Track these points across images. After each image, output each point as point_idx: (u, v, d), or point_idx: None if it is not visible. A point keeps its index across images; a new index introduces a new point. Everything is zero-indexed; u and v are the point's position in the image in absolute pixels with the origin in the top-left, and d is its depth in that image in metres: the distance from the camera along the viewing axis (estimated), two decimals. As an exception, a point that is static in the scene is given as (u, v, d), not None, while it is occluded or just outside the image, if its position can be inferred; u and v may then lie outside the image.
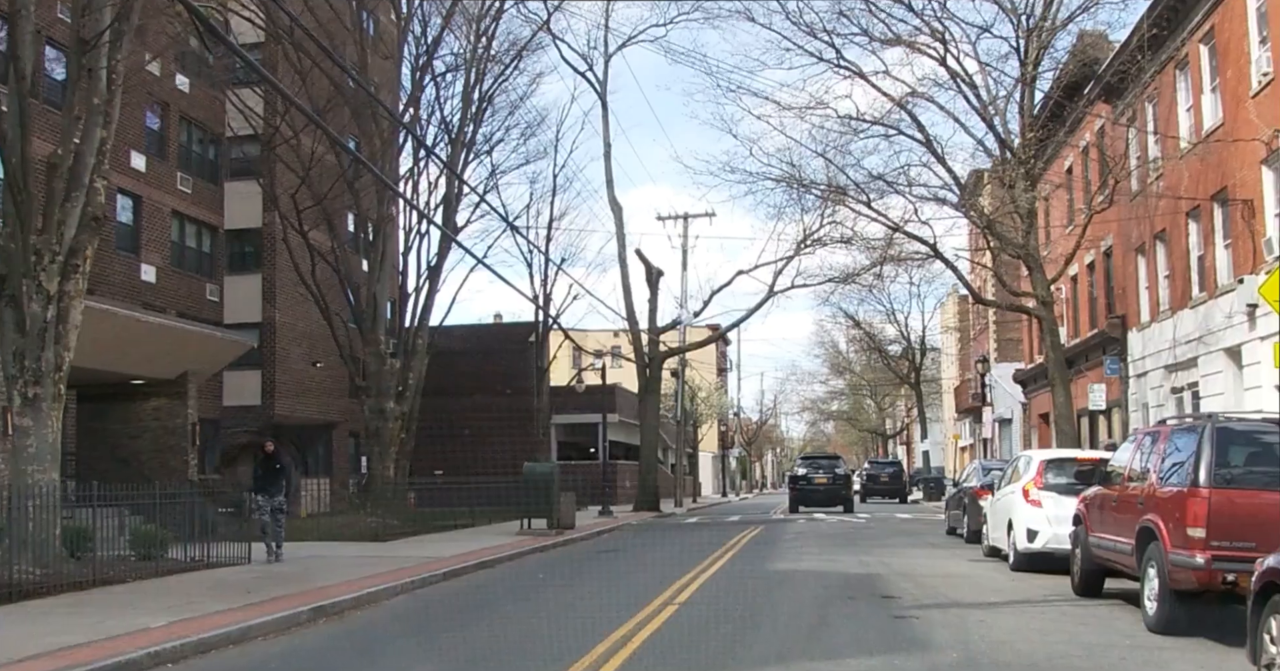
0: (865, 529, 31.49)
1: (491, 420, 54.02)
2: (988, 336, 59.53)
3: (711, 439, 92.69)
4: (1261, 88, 24.87)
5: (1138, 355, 33.84)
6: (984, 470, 26.87)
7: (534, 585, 18.44)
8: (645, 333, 46.42)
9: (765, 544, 26.12)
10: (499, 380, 53.86)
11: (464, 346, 54.15)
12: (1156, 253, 32.04)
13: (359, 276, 33.73)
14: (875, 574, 18.19)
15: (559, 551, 25.83)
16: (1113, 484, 14.27)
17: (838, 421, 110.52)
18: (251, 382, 42.14)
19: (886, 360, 72.69)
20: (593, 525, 34.80)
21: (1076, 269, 40.17)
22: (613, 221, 47.46)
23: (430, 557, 22.36)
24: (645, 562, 22.04)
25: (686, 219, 53.73)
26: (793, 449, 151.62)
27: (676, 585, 16.76)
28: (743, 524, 35.29)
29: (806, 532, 30.18)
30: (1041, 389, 46.57)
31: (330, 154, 32.64)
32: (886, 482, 58.23)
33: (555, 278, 50.19)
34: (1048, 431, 46.50)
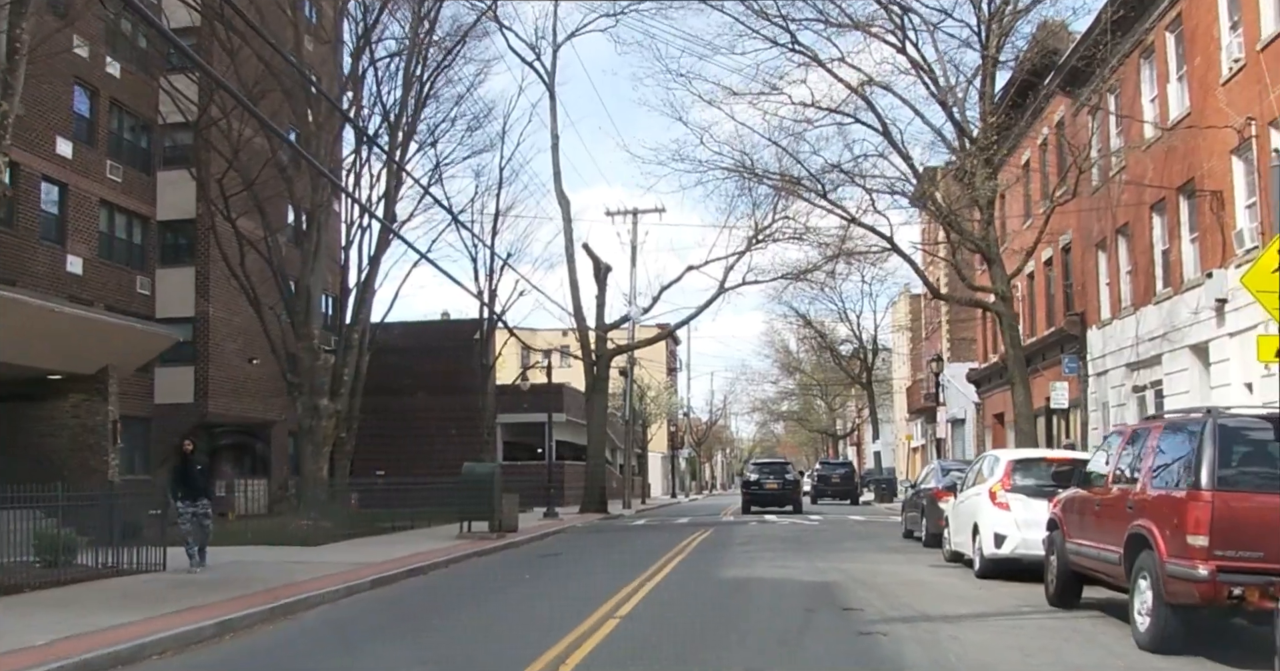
0: (819, 532, 30.25)
1: (436, 419, 52.57)
2: (940, 336, 58.54)
3: (661, 439, 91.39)
4: (1232, 75, 23.83)
5: (1097, 353, 32.82)
6: (943, 471, 25.69)
7: (465, 594, 17.05)
8: (593, 330, 45.06)
9: (715, 548, 24.80)
10: (444, 379, 52.33)
11: (408, 344, 52.63)
12: (1118, 247, 31.01)
13: (293, 268, 32.11)
14: (833, 582, 16.88)
15: (498, 556, 24.44)
16: (1094, 486, 13.05)
17: (788, 422, 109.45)
18: (184, 379, 40.44)
19: (838, 360, 71.62)
20: (537, 527, 33.42)
21: (1033, 266, 39.16)
22: (560, 215, 46.09)
23: (361, 563, 20.93)
24: (588, 569, 20.66)
25: (636, 215, 52.43)
26: (742, 449, 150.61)
27: (620, 595, 15.41)
28: (692, 526, 33.98)
29: (758, 536, 28.89)
30: (996, 389, 45.57)
31: (262, 138, 31.03)
32: (838, 484, 57.06)
33: (501, 273, 48.75)
34: (1002, 432, 45.53)
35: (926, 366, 63.03)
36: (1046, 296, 38.40)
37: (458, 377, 51.90)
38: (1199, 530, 10.10)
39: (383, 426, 50.71)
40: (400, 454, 51.58)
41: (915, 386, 63.32)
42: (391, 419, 51.62)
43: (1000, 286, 30.33)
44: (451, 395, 51.94)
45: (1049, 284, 38.41)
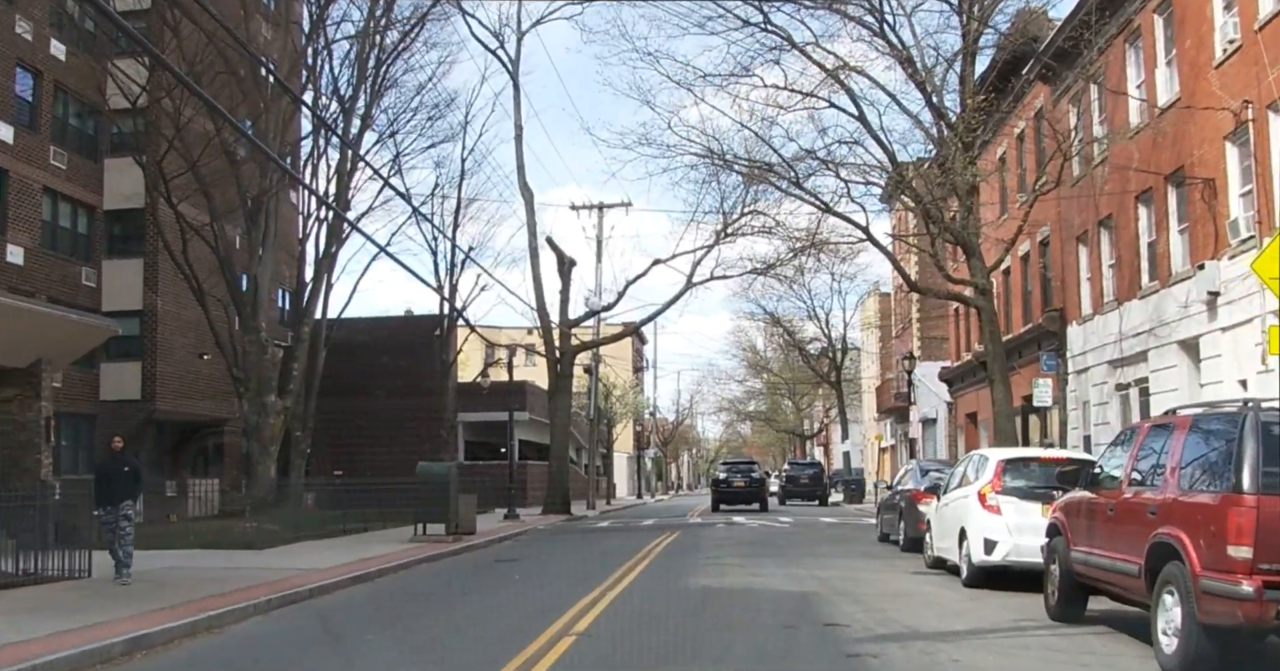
0: (790, 535, 28.87)
1: (397, 418, 50.93)
2: (911, 334, 57.31)
3: (627, 439, 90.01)
4: (1226, 56, 22.59)
5: (1078, 350, 31.59)
6: (921, 471, 24.36)
7: (409, 606, 15.55)
8: (556, 326, 43.56)
9: (683, 552, 23.37)
10: (405, 376, 50.71)
11: (367, 340, 51.14)
12: (1100, 240, 29.79)
13: (244, 259, 30.51)
14: (812, 592, 15.47)
15: (451, 561, 22.97)
16: (1105, 488, 11.69)
17: (755, 422, 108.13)
18: (131, 375, 38.75)
19: (806, 358, 70.30)
20: (496, 530, 31.94)
21: (1010, 262, 37.92)
22: (523, 208, 44.56)
23: (303, 569, 19.46)
24: (546, 576, 19.20)
25: (601, 209, 51.07)
26: (709, 450, 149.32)
27: (578, 607, 13.97)
28: (658, 528, 32.56)
29: (728, 539, 27.47)
30: (969, 387, 44.36)
31: (209, 121, 29.38)
32: (806, 484, 55.68)
33: (463, 268, 47.22)
34: (975, 432, 44.33)
35: (897, 365, 61.84)
36: (1023, 292, 37.18)
37: (419, 375, 50.33)
38: (1241, 539, 8.72)
39: (341, 425, 49.15)
40: (360, 453, 50.07)
41: (885, 386, 62.13)
42: (350, 417, 50.03)
43: (979, 279, 29.04)
44: (412, 393, 50.36)
45: (1025, 279, 37.19)
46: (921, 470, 24.40)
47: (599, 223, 50.83)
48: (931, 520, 19.55)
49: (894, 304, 63.38)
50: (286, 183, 42.65)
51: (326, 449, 47.77)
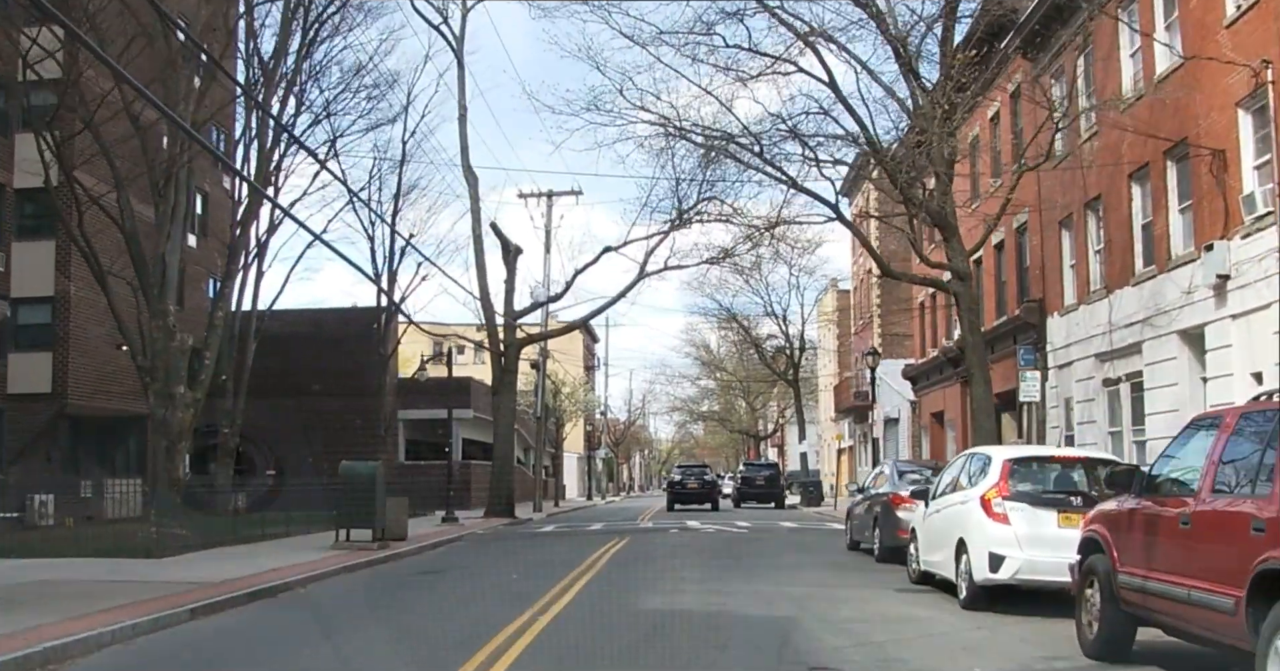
0: (751, 542, 26.21)
1: (336, 415, 47.76)
2: (872, 331, 54.89)
3: (578, 439, 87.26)
4: (1241, 13, 20.17)
5: (1059, 343, 29.17)
6: (899, 473, 21.72)
7: (302, 631, 12.78)
8: (501, 317, 40.77)
9: (632, 563, 20.69)
10: (344, 371, 47.52)
11: (305, 333, 48.05)
12: (1087, 223, 27.37)
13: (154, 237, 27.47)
14: (786, 618, 12.78)
15: (370, 573, 20.15)
16: (1170, 494, 9.09)
17: (708, 422, 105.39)
18: (41, 367, 35.66)
19: (762, 356, 67.69)
20: (430, 535, 29.17)
21: (981, 252, 35.49)
22: (467, 193, 41.72)
23: (197, 582, 16.68)
24: (472, 591, 16.43)
25: (550, 197, 48.21)
26: (661, 450, 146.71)
27: (502, 635, 11.26)
28: (606, 533, 29.83)
29: (682, 547, 24.75)
30: (935, 385, 41.93)
31: (115, 85, 26.32)
32: (763, 486, 53.03)
33: (402, 257, 44.33)
34: (941, 432, 41.92)
35: (856, 363, 59.40)
36: (997, 283, 34.72)
37: (359, 371, 47.37)
38: None
39: (277, 422, 46.13)
40: (296, 452, 47.12)
41: (844, 384, 59.66)
42: (286, 414, 46.94)
43: (958, 262, 26.49)
44: (352, 389, 47.29)
45: (999, 269, 34.74)
46: (898, 471, 21.76)
47: (547, 212, 48.04)
48: (917, 528, 16.92)
49: (854, 298, 60.90)
50: (219, 168, 40.00)
51: (260, 447, 44.99)
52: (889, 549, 19.96)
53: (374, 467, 25.25)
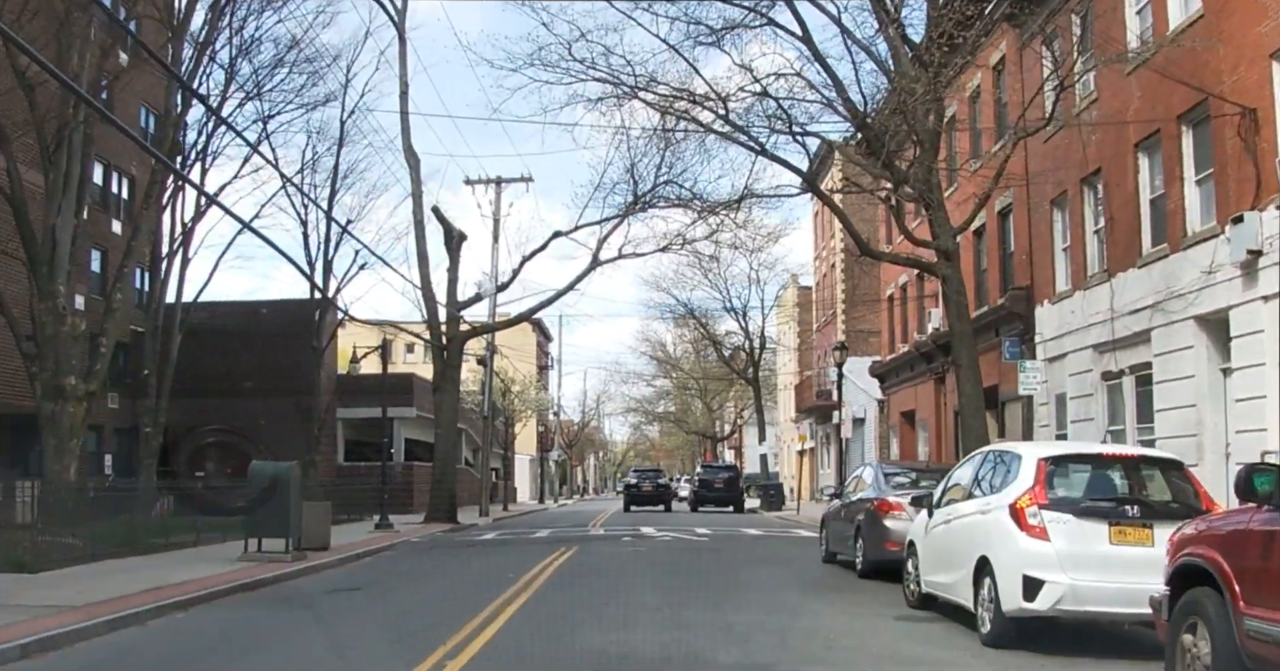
0: (713, 554, 23.26)
1: (268, 414, 44.47)
2: (835, 327, 52.13)
3: (530, 440, 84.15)
4: (1276, -51, 17.44)
5: (1050, 334, 26.44)
6: (883, 475, 18.81)
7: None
8: (443, 307, 37.71)
9: (576, 581, 17.71)
10: (278, 367, 44.19)
11: (238, 326, 44.74)
12: (1083, 202, 24.65)
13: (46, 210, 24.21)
14: (768, 664, 9.85)
15: (272, 591, 17.14)
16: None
17: (664, 423, 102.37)
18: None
19: (721, 353, 64.83)
20: (358, 544, 26.13)
21: (959, 237, 32.75)
22: (408, 177, 38.65)
23: (62, 605, 13.84)
24: (382, 618, 13.39)
25: (499, 184, 45.24)
26: (615, 452, 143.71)
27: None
28: (553, 542, 26.84)
29: (635, 560, 21.78)
30: (905, 383, 39.20)
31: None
32: (721, 490, 50.07)
33: (338, 245, 41.12)
34: (911, 432, 39.22)
35: (819, 360, 56.68)
36: (977, 271, 31.97)
37: (295, 367, 44.06)
38: None
39: (204, 420, 42.88)
40: (224, 453, 43.89)
41: (806, 383, 56.92)
42: (214, 412, 43.71)
43: (945, 240, 23.69)
44: (287, 386, 43.98)
45: (979, 256, 32.01)
46: (883, 474, 18.83)
47: (496, 200, 45.04)
48: (917, 542, 14.01)
49: (817, 294, 58.10)
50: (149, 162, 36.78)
51: (187, 447, 41.81)
52: (874, 563, 17.13)
53: (287, 469, 22.15)
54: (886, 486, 17.97)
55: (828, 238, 53.55)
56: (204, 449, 42.50)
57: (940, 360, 34.30)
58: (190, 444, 41.12)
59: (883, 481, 18.14)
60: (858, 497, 18.68)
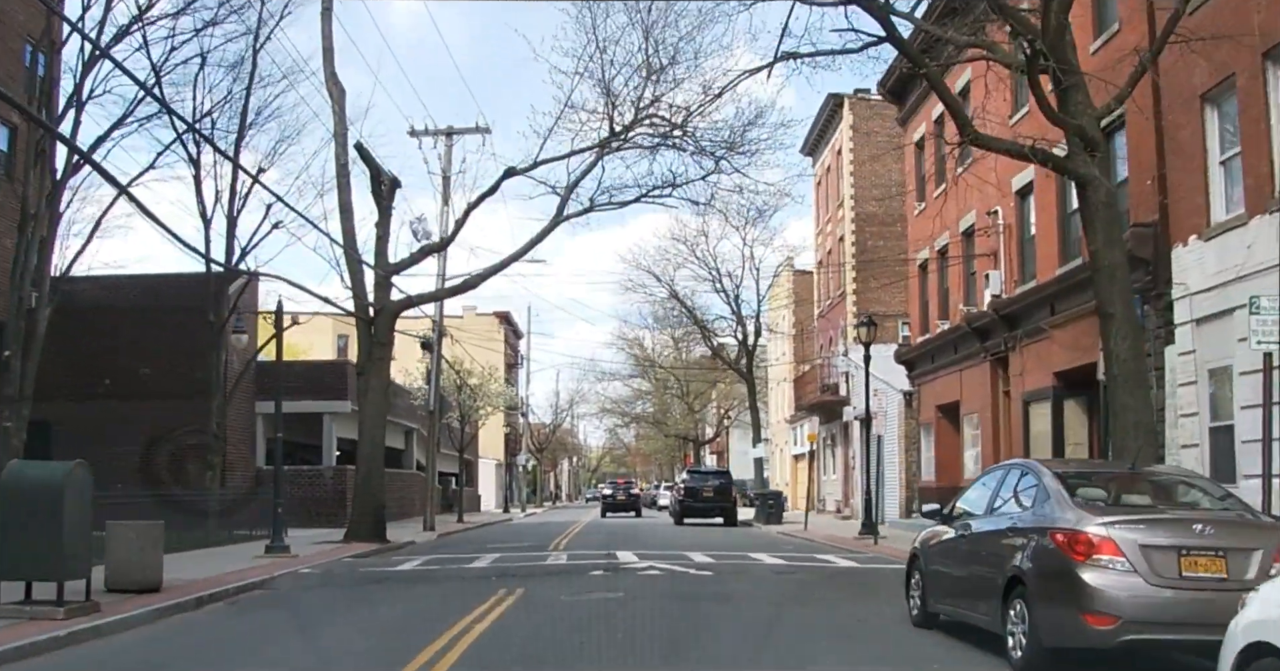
0: (727, 605, 14.83)
1: (168, 406, 35.78)
2: (843, 310, 43.85)
3: (498, 443, 75.69)
4: None
5: (1197, 285, 18.23)
6: (1065, 487, 10.13)
7: None
8: (372, 271, 29.38)
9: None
10: (182, 351, 35.42)
11: (128, 302, 36.18)
12: (1266, 89, 16.40)
13: None
14: None
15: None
16: None
17: (642, 424, 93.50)
18: None
19: (709, 340, 56.23)
20: (218, 579, 18.06)
21: (1032, 173, 24.61)
22: (329, 110, 30.29)
23: None
24: None
25: (450, 136, 37.03)
26: (590, 458, 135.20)
27: None
28: (494, 577, 18.47)
29: (605, 622, 13.22)
30: (944, 369, 30.95)
31: None
32: (712, 499, 41.57)
33: (247, 196, 32.63)
34: (951, 430, 31.00)
35: (821, 349, 48.37)
36: (1061, 214, 23.71)
37: (203, 350, 35.50)
38: None
39: (87, 414, 34.57)
40: (118, 453, 35.44)
41: (809, 376, 48.49)
42: (101, 404, 35.31)
43: (1084, 123, 15.28)
44: (192, 375, 35.37)
45: (1065, 191, 23.69)
46: (1065, 483, 10.13)
47: (446, 154, 36.80)
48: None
49: (820, 275, 49.62)
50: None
51: (67, 449, 33.44)
52: (1054, 650, 8.81)
53: (62, 474, 13.73)
54: (1071, 504, 9.53)
55: (834, 207, 45.37)
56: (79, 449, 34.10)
57: (1002, 335, 26.09)
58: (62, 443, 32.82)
59: (1062, 495, 9.68)
60: (1006, 523, 10.27)
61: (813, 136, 47.27)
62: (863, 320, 29.80)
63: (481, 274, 30.43)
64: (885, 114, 43.05)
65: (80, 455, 32.60)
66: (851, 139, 42.69)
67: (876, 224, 42.29)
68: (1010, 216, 25.98)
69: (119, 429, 35.94)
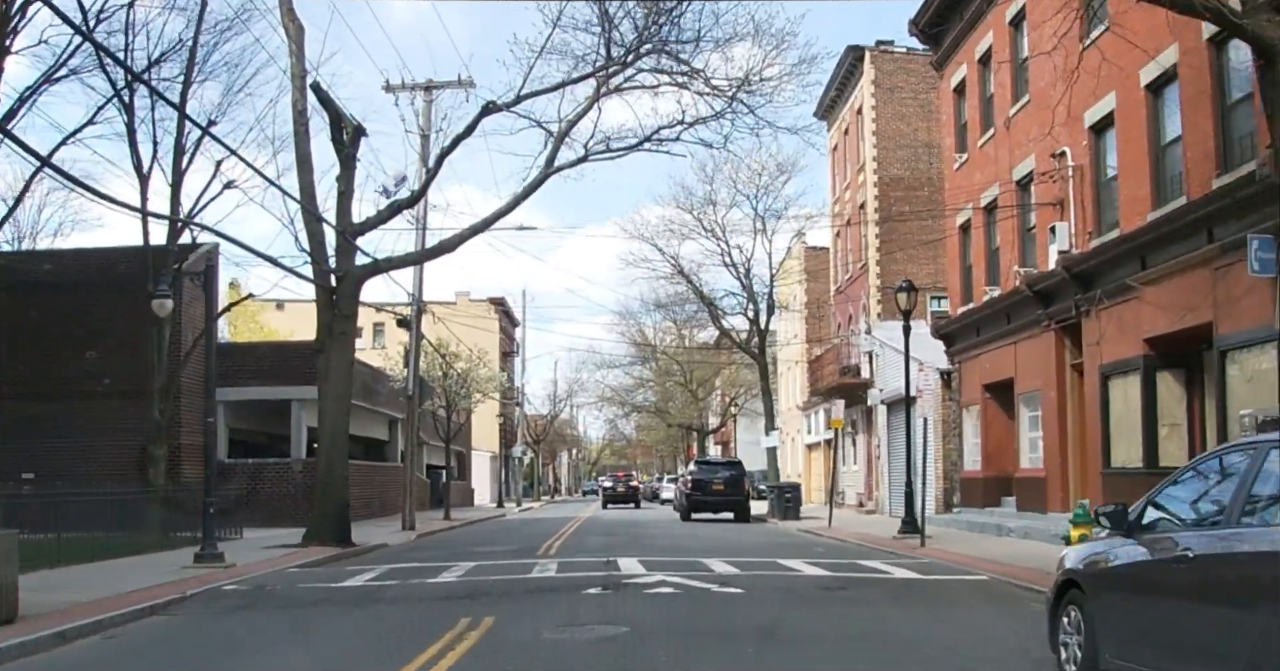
0: (778, 644, 10.47)
1: (122, 395, 31.43)
2: (865, 282, 39.49)
3: (493, 434, 71.40)
4: None
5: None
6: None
7: None
8: (333, 231, 25.09)
9: None
10: (137, 333, 31.01)
11: (73, 280, 31.97)
12: None
13: None
14: None
15: None
16: None
17: (643, 413, 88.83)
18: None
19: (717, 320, 51.77)
20: (106, 603, 13.91)
21: (1110, 102, 20.41)
22: (286, 50, 25.99)
23: None
24: None
25: (430, 90, 32.78)
26: (589, 450, 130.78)
27: None
28: (457, 601, 14.14)
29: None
30: (994, 342, 26.67)
31: None
32: (722, 492, 37.20)
33: (193, 156, 28.33)
34: (1001, 414, 26.85)
35: (839, 329, 44.10)
36: (1153, 145, 19.39)
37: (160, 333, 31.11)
38: None
39: (34, 411, 30.44)
40: (62, 449, 31.31)
41: (827, 357, 44.05)
42: (47, 395, 31.12)
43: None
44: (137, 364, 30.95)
45: (1158, 120, 19.37)
46: None
47: (425, 111, 32.54)
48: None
49: (837, 246, 45.21)
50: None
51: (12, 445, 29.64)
52: None
53: None
54: None
55: (854, 172, 41.02)
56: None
57: (1072, 298, 21.79)
58: None
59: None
60: (1268, 543, 5.98)
61: (828, 97, 42.89)
62: (901, 285, 25.41)
63: (461, 234, 26.08)
64: (910, 68, 38.76)
65: (16, 448, 28.74)
66: (874, 95, 38.33)
67: (902, 188, 37.98)
68: (1083, 157, 21.68)
69: (64, 419, 31.90)
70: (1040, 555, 18.63)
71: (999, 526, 24.11)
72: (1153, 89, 19.30)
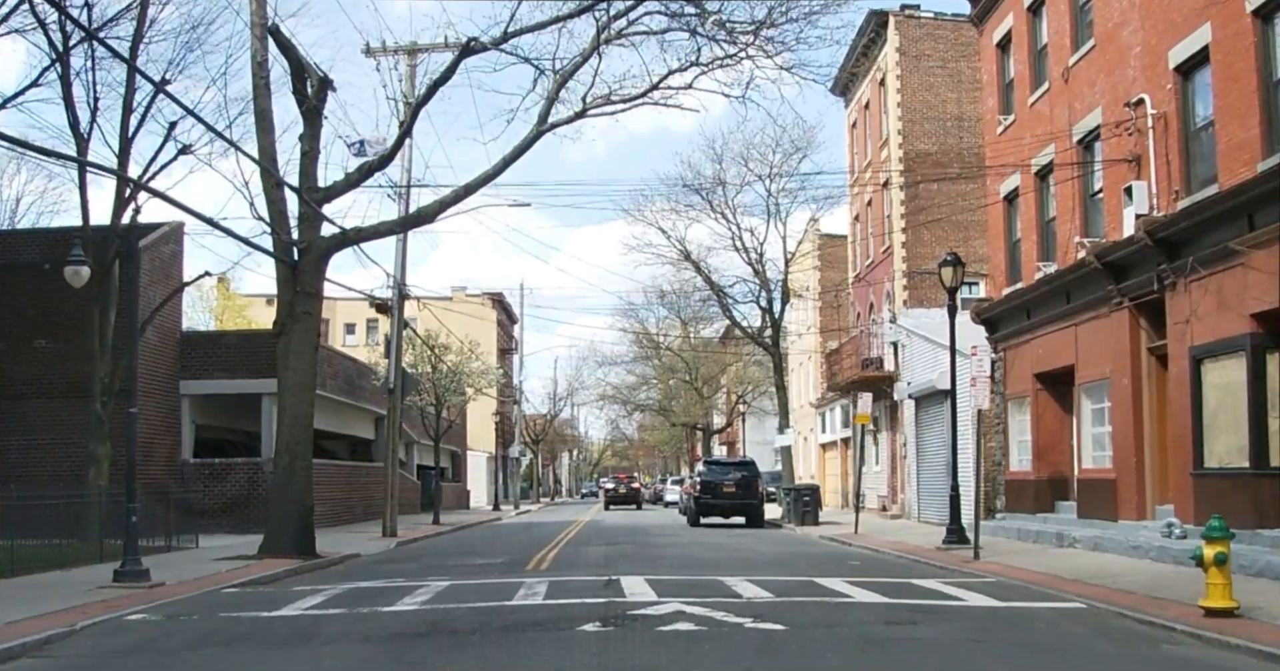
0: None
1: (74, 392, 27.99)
2: (890, 267, 36.07)
3: (489, 435, 68.12)
4: None
5: None
6: None
7: None
8: (296, 196, 21.71)
9: None
10: (79, 324, 27.47)
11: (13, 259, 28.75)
12: None
13: None
14: None
15: None
16: None
17: (646, 412, 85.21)
18: None
19: (727, 310, 48.21)
20: None
21: (1205, 35, 17.11)
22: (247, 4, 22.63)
23: None
24: None
25: (414, 55, 29.43)
26: (590, 450, 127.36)
27: None
28: (409, 645, 10.76)
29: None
30: (1048, 326, 23.25)
31: None
32: (734, 495, 33.81)
33: (148, 112, 24.97)
34: (1057, 408, 23.53)
35: (859, 319, 40.72)
36: (1265, 84, 16.01)
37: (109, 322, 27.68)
38: None
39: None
40: (15, 446, 28.10)
41: (846, 349, 40.52)
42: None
43: None
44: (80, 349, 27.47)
45: (1269, 50, 16.00)
46: None
47: (409, 77, 29.17)
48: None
49: (857, 230, 41.71)
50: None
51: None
52: None
53: None
54: None
55: (876, 149, 37.63)
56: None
57: (1154, 269, 18.40)
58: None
59: None
60: None
61: (846, 70, 39.52)
62: (947, 258, 21.92)
63: (443, 199, 22.67)
64: (939, 33, 35.45)
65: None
66: (899, 64, 34.96)
67: (930, 165, 34.60)
68: (1166, 102, 18.29)
69: (13, 414, 28.73)
70: (1129, 573, 15.24)
71: (1059, 535, 20.70)
72: (1262, 15, 15.95)
